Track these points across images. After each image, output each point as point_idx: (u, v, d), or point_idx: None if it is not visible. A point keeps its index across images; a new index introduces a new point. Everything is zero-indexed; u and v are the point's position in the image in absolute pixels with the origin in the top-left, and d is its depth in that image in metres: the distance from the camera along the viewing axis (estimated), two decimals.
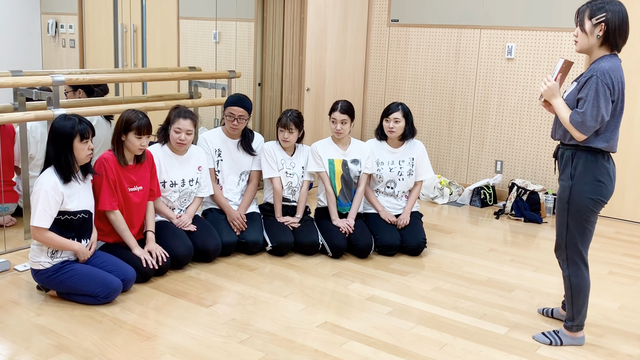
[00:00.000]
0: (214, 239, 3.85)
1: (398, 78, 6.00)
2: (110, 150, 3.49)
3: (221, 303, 3.31)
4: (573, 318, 2.97)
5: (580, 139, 2.75)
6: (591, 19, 2.72)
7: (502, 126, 5.49)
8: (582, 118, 2.69)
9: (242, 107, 4.04)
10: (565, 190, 2.85)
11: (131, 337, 2.90)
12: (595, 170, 2.78)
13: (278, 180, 4.14)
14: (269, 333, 3.00)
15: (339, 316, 3.21)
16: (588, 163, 2.79)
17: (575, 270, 2.90)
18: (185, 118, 3.76)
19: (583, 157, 2.80)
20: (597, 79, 2.67)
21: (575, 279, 2.91)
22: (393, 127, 4.14)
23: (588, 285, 2.93)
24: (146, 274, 3.47)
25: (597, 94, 2.67)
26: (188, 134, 3.77)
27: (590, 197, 2.79)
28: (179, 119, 3.76)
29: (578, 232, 2.85)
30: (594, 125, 2.69)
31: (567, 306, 2.98)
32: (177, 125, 3.76)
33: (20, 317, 3.04)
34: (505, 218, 5.13)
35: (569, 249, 2.89)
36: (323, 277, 3.72)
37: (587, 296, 2.93)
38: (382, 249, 4.06)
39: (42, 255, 3.15)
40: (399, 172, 4.23)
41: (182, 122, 3.75)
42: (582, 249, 2.88)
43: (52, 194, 3.07)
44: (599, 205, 2.82)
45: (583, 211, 2.81)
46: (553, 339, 3.01)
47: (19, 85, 3.76)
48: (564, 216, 2.87)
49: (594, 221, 2.86)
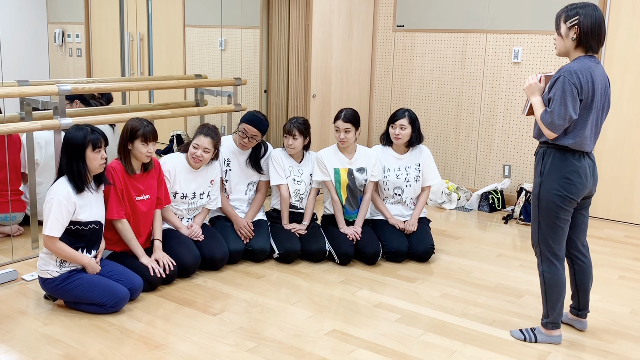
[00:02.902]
0: (221, 247, 3.84)
1: (404, 83, 5.98)
2: (117, 159, 3.49)
3: (229, 311, 3.30)
4: (547, 315, 3.01)
5: (551, 136, 2.84)
6: (565, 22, 2.85)
7: (509, 130, 5.46)
8: (551, 117, 2.79)
9: (257, 128, 4.02)
10: (536, 187, 2.95)
11: (139, 346, 2.89)
12: (563, 167, 2.86)
13: (285, 187, 4.13)
14: (277, 341, 2.98)
15: (347, 324, 3.19)
16: (556, 160, 2.87)
17: (548, 266, 2.96)
18: (206, 136, 3.77)
19: (552, 154, 2.89)
20: (564, 78, 2.77)
21: (549, 275, 2.95)
22: (399, 134, 4.13)
23: (562, 283, 2.96)
24: (153, 283, 3.47)
25: (564, 93, 2.75)
26: (205, 151, 3.77)
27: (557, 193, 2.86)
28: (200, 135, 3.78)
29: (549, 228, 2.91)
30: (562, 123, 2.77)
31: (542, 303, 3.03)
32: (196, 141, 3.77)
33: (28, 327, 3.03)
34: (514, 223, 5.10)
35: (541, 245, 2.96)
36: (330, 284, 3.70)
37: (561, 293, 2.97)
38: (390, 256, 4.04)
39: (50, 264, 3.15)
40: (405, 179, 4.21)
41: (202, 139, 3.76)
42: (554, 245, 2.93)
43: (65, 204, 3.08)
44: (568, 202, 2.87)
45: (552, 207, 2.88)
46: (528, 335, 3.06)
47: (25, 95, 3.77)
48: (536, 214, 2.96)
49: (566, 218, 2.91)
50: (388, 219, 4.18)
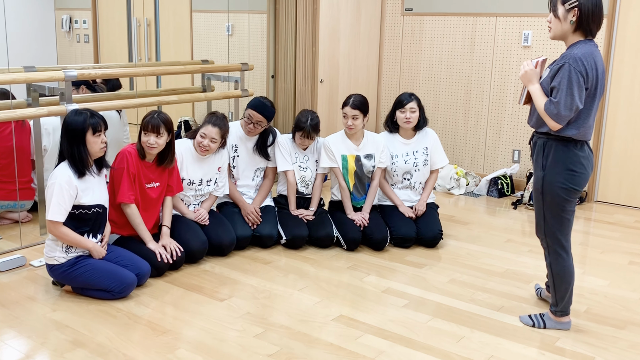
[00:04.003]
0: (229, 233, 3.83)
1: (413, 68, 5.93)
2: (134, 144, 3.50)
3: (236, 297, 3.30)
4: (557, 303, 2.98)
5: (555, 128, 2.72)
6: (564, 4, 2.70)
7: (519, 115, 5.40)
8: (557, 108, 2.66)
9: (262, 114, 3.98)
10: (538, 181, 2.85)
11: (146, 332, 2.90)
12: (566, 159, 2.76)
13: (292, 173, 4.11)
14: (284, 327, 2.97)
15: (355, 309, 3.18)
16: (559, 152, 2.77)
17: (556, 258, 2.91)
18: (214, 125, 3.75)
19: (554, 146, 2.78)
20: (569, 66, 2.64)
21: (556, 267, 2.91)
22: (410, 117, 4.08)
23: (570, 273, 2.92)
24: (160, 268, 3.47)
25: (571, 82, 2.63)
26: (212, 141, 3.75)
27: (563, 186, 2.77)
28: (208, 124, 3.76)
29: (556, 221, 2.85)
30: (569, 114, 2.66)
31: (551, 292, 2.99)
32: (203, 130, 3.76)
33: (36, 313, 3.05)
34: (523, 208, 5.06)
35: (548, 238, 2.90)
36: (338, 270, 3.69)
37: (569, 283, 2.93)
38: (398, 241, 4.02)
39: (56, 250, 3.16)
40: (414, 163, 4.17)
41: (209, 128, 3.74)
42: (561, 237, 2.88)
43: (67, 188, 3.07)
44: (573, 194, 2.80)
45: (558, 201, 2.80)
46: (537, 321, 3.03)
47: (32, 81, 3.76)
48: (540, 207, 2.88)
49: (572, 210, 2.85)
50: (398, 207, 4.15)
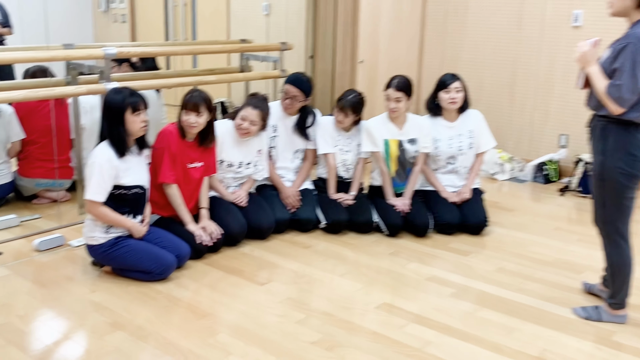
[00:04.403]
0: (268, 216, 3.75)
1: (456, 48, 5.73)
2: (175, 123, 3.43)
3: (276, 281, 3.22)
4: (614, 295, 2.83)
5: (617, 112, 2.56)
6: None
7: (567, 98, 5.18)
8: (619, 91, 2.50)
9: (298, 87, 3.88)
10: (598, 166, 2.70)
11: (186, 315, 2.84)
12: (627, 143, 2.60)
13: (333, 156, 3.99)
14: (326, 313, 2.89)
15: (398, 297, 3.07)
16: (620, 137, 2.61)
17: (614, 247, 2.76)
18: (255, 108, 3.65)
19: (614, 130, 2.62)
20: (633, 46, 2.48)
21: (616, 257, 2.76)
22: (455, 98, 3.93)
23: (629, 263, 2.76)
24: (200, 251, 3.41)
25: (634, 64, 2.48)
26: (252, 124, 3.66)
27: (623, 172, 2.62)
28: (248, 107, 3.66)
29: (616, 209, 2.69)
30: (632, 98, 2.51)
31: (609, 283, 2.84)
32: (243, 113, 3.66)
33: (75, 294, 3.01)
34: (571, 195, 4.87)
35: (607, 226, 2.75)
36: (379, 255, 3.58)
37: (628, 274, 2.77)
38: (441, 228, 3.88)
39: (96, 230, 3.11)
40: (458, 147, 4.02)
41: (249, 110, 3.64)
42: (621, 226, 2.72)
43: (107, 167, 3.02)
44: (635, 180, 2.65)
45: (618, 187, 2.65)
46: (591, 314, 2.89)
47: (71, 58, 3.72)
48: (600, 193, 2.72)
49: (632, 196, 2.68)
50: (440, 193, 4.01)
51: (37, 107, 4.17)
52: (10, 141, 4.12)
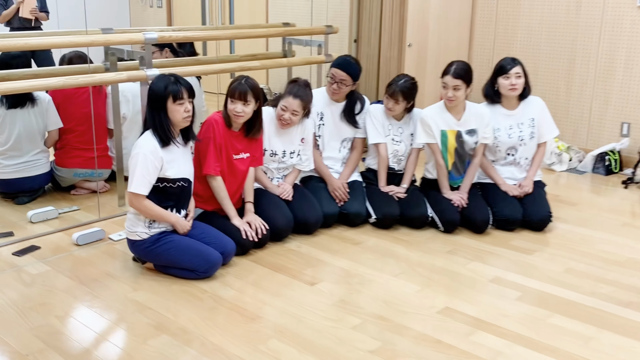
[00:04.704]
0: (315, 209, 3.54)
1: (509, 31, 5.41)
2: (220, 112, 3.23)
3: (326, 281, 3.01)
4: None
5: None
6: None
7: (630, 84, 4.84)
8: None
9: (345, 71, 3.63)
10: None
11: (233, 317, 2.65)
12: None
13: (384, 146, 3.76)
14: (383, 318, 2.67)
15: (460, 300, 2.83)
16: None
17: None
18: (296, 97, 3.41)
19: None
20: None
21: None
22: (515, 84, 3.64)
23: None
24: (245, 246, 3.22)
25: None
26: (294, 114, 3.43)
27: None
28: (289, 96, 3.42)
29: None
30: None
31: None
32: (284, 103, 3.43)
33: (116, 292, 2.85)
34: (635, 187, 4.55)
35: None
36: (435, 253, 3.35)
37: None
38: (501, 223, 3.62)
39: (139, 225, 2.94)
40: (519, 137, 3.74)
41: (290, 100, 3.41)
42: None
43: (152, 159, 2.84)
44: None
45: None
46: None
47: (111, 43, 3.55)
48: None
49: None
50: (500, 186, 3.74)
51: (74, 94, 4.02)
52: (48, 130, 3.99)
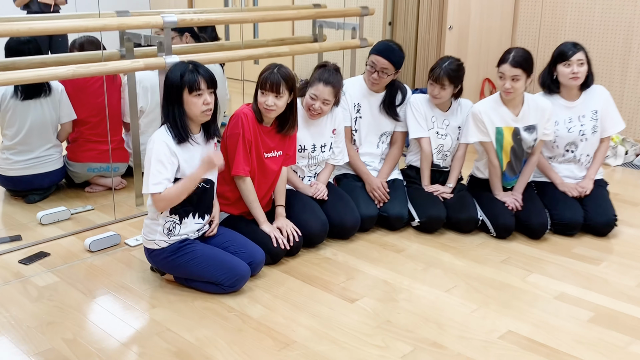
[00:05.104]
0: (352, 212, 3.18)
1: (557, 12, 4.97)
2: (250, 104, 2.88)
3: (368, 296, 2.66)
4: None
5: None
6: None
7: None
8: None
9: (387, 58, 3.25)
10: None
11: (265, 342, 2.32)
12: None
13: (427, 141, 3.38)
14: (437, 345, 2.31)
15: (524, 322, 2.47)
16: None
17: None
18: (326, 84, 3.04)
19: None
20: None
21: None
22: (578, 72, 3.24)
23: None
24: (276, 255, 2.88)
25: None
26: (325, 103, 3.07)
27: None
28: (319, 83, 3.05)
29: None
30: None
31: None
32: (313, 91, 3.06)
33: (132, 309, 2.53)
34: None
35: None
36: (488, 263, 2.98)
37: None
38: (561, 228, 3.23)
39: (157, 232, 2.61)
40: (580, 131, 3.34)
41: (320, 88, 3.04)
42: None
43: (166, 153, 2.50)
44: None
45: None
46: None
47: (126, 27, 3.21)
48: None
49: None
50: (558, 186, 3.35)
51: (87, 83, 3.69)
52: (61, 122, 3.67)
